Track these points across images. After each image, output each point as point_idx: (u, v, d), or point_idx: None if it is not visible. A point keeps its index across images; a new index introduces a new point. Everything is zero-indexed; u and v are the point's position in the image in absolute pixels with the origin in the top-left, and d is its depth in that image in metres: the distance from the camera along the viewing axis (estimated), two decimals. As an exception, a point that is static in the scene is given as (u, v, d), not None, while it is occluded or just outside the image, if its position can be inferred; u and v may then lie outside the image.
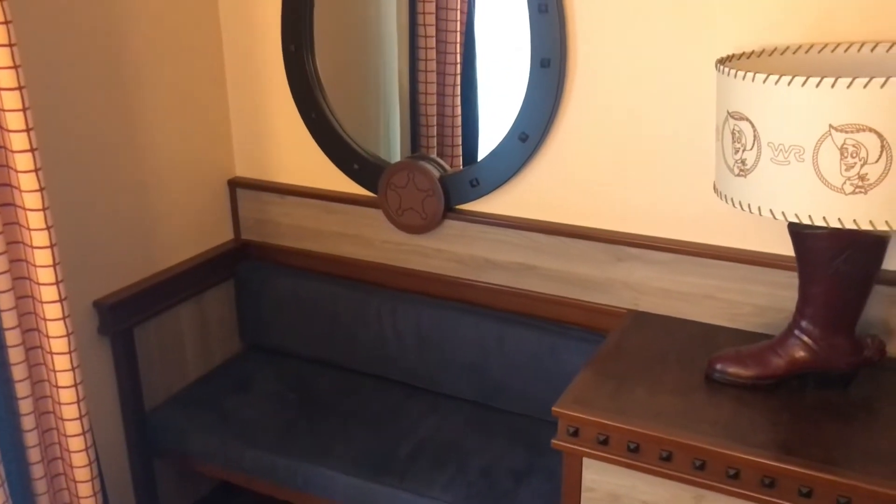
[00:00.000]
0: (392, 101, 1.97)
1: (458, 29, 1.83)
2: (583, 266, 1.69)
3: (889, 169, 1.11)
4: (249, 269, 2.07)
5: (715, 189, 1.34)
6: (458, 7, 1.82)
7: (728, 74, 1.23)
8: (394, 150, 1.96)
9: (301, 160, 1.96)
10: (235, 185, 2.05)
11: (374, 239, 1.92)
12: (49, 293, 1.43)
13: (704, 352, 1.47)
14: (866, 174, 1.12)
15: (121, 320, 1.77)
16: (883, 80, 1.08)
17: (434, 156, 1.84)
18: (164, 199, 1.88)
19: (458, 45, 1.84)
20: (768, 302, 1.53)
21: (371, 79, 1.97)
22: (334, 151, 1.89)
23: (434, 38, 1.84)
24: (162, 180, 1.86)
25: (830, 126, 1.12)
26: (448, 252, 1.84)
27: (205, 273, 1.99)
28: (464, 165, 1.84)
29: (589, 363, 1.48)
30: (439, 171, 1.79)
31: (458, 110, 1.88)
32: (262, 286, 2.05)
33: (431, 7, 1.80)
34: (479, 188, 1.75)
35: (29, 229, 1.39)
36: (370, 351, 1.94)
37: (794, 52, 1.37)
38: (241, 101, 1.99)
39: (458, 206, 1.80)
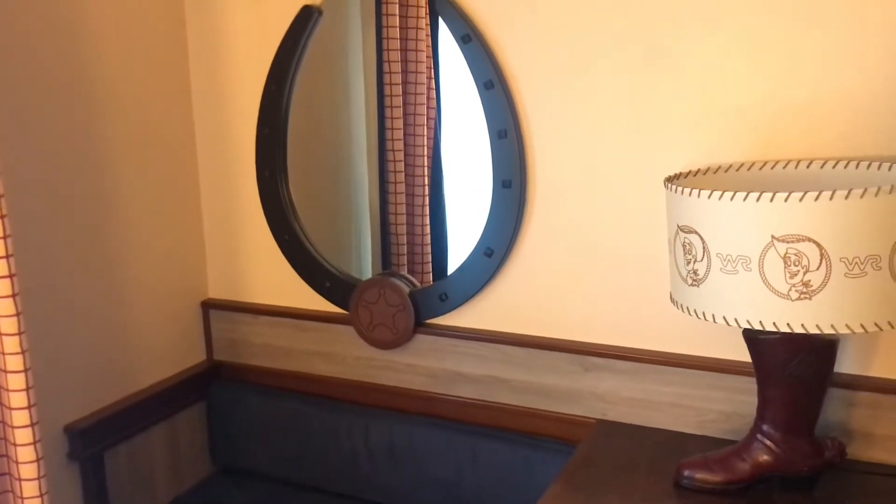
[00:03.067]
0: (363, 221, 2.04)
1: (426, 153, 1.92)
2: (551, 377, 1.73)
3: (829, 275, 1.18)
4: (221, 390, 2.07)
5: (672, 299, 1.40)
6: (425, 133, 1.91)
7: (676, 191, 1.32)
8: (365, 267, 2.01)
9: (274, 280, 2.00)
10: (209, 306, 2.08)
11: (345, 356, 1.94)
12: (20, 417, 1.43)
13: (673, 459, 1.49)
14: (809, 281, 1.19)
15: (91, 445, 1.75)
16: (817, 193, 1.16)
17: (405, 272, 1.90)
18: (138, 321, 1.90)
19: (426, 168, 1.93)
20: (732, 408, 1.56)
21: (343, 201, 2.05)
22: (306, 271, 1.94)
23: (403, 163, 1.93)
24: (135, 304, 1.89)
25: (773, 237, 1.20)
26: (419, 367, 1.87)
27: (177, 395, 1.99)
28: (434, 281, 1.90)
29: (559, 476, 1.49)
30: (409, 287, 1.84)
31: (428, 229, 1.95)
32: (234, 407, 2.05)
33: (399, 134, 1.90)
34: (449, 302, 1.80)
35: (3, 353, 1.41)
36: (343, 470, 1.92)
37: (737, 170, 1.46)
38: (216, 224, 2.05)
39: (428, 321, 1.84)
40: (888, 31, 1.34)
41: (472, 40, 1.65)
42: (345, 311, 1.91)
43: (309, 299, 1.96)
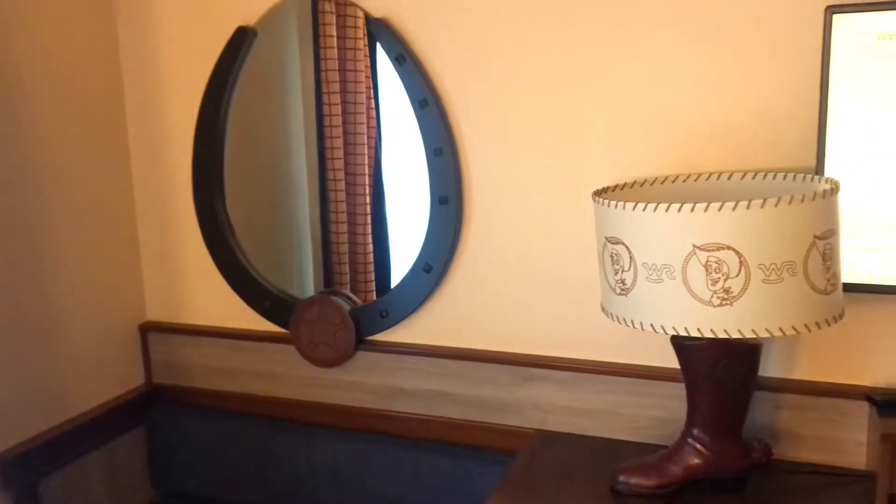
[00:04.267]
0: (304, 240, 2.05)
1: (367, 172, 1.94)
2: (491, 389, 1.75)
3: (749, 282, 1.23)
4: (161, 414, 2.04)
5: (602, 309, 1.45)
6: (366, 152, 1.93)
7: (603, 204, 1.36)
8: (307, 286, 2.02)
9: (213, 301, 1.99)
10: (147, 328, 2.06)
11: (287, 375, 1.94)
12: (-52, 446, 1.40)
13: (610, 465, 1.52)
14: (730, 287, 1.24)
15: (25, 473, 1.71)
16: (734, 203, 1.22)
17: (347, 290, 1.91)
18: (72, 345, 1.87)
19: (367, 187, 1.95)
20: (665, 413, 1.61)
21: (283, 220, 2.05)
22: (246, 290, 1.94)
23: (343, 181, 1.94)
24: (70, 327, 1.86)
25: (694, 246, 1.25)
26: (361, 384, 1.87)
27: (115, 420, 1.95)
28: (378, 298, 1.91)
29: (499, 486, 1.51)
30: (350, 305, 1.85)
31: (370, 247, 1.96)
32: (175, 430, 2.02)
33: (339, 153, 1.91)
34: (389, 319, 1.82)
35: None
36: (286, 490, 1.91)
37: (661, 183, 1.52)
38: (153, 246, 2.04)
39: (369, 338, 1.85)
40: (793, 56, 1.42)
41: (405, 61, 1.68)
42: (285, 331, 1.91)
43: (249, 319, 1.95)
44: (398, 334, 1.83)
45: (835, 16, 1.32)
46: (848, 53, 1.32)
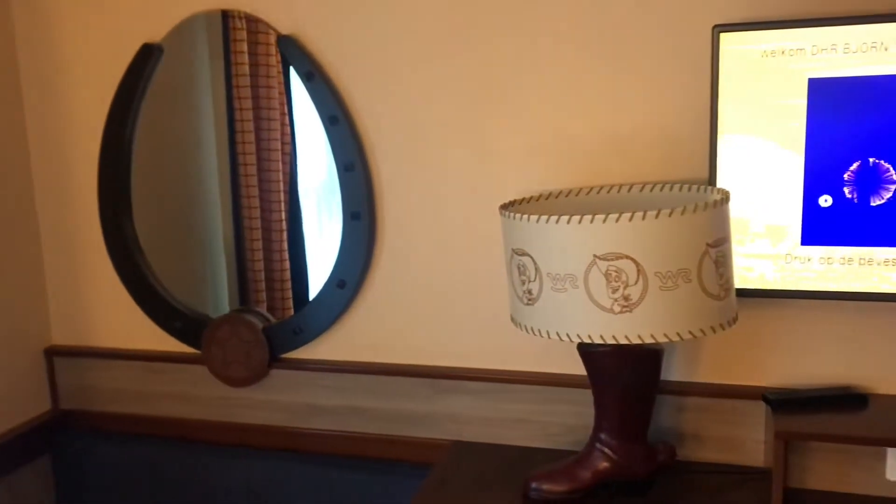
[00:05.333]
0: (219, 258, 2.02)
1: (282, 188, 1.93)
2: (406, 402, 1.76)
3: (647, 289, 1.28)
4: (69, 441, 1.98)
5: (512, 319, 1.48)
6: (280, 168, 1.92)
7: (509, 217, 1.39)
8: (222, 305, 1.99)
9: (122, 322, 1.95)
10: (53, 353, 2.00)
11: (200, 396, 1.91)
12: None
13: (523, 473, 1.54)
14: (629, 295, 1.29)
15: (-82, 508, 1.64)
16: (631, 214, 1.26)
17: (263, 308, 1.89)
18: (-28, 372, 1.80)
19: (282, 203, 1.93)
20: (575, 420, 1.65)
21: (196, 238, 2.02)
22: (155, 311, 1.90)
23: (258, 198, 1.93)
24: (-31, 353, 1.80)
25: (595, 256, 1.29)
26: (276, 402, 1.86)
27: (18, 449, 1.88)
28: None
29: (414, 499, 1.52)
30: (263, 323, 1.84)
31: (287, 263, 1.95)
32: (84, 458, 1.96)
33: (253, 169, 1.89)
34: (303, 335, 1.81)
35: None
36: (201, 513, 1.88)
37: (566, 196, 1.56)
38: (58, 267, 1.98)
39: (283, 356, 1.84)
40: (686, 72, 1.48)
41: (315, 77, 1.69)
42: (197, 351, 1.88)
43: (159, 340, 1.91)
44: (313, 351, 1.82)
45: (722, 34, 1.39)
46: (735, 70, 1.40)
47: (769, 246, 1.44)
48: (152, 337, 1.92)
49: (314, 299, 1.80)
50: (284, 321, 1.84)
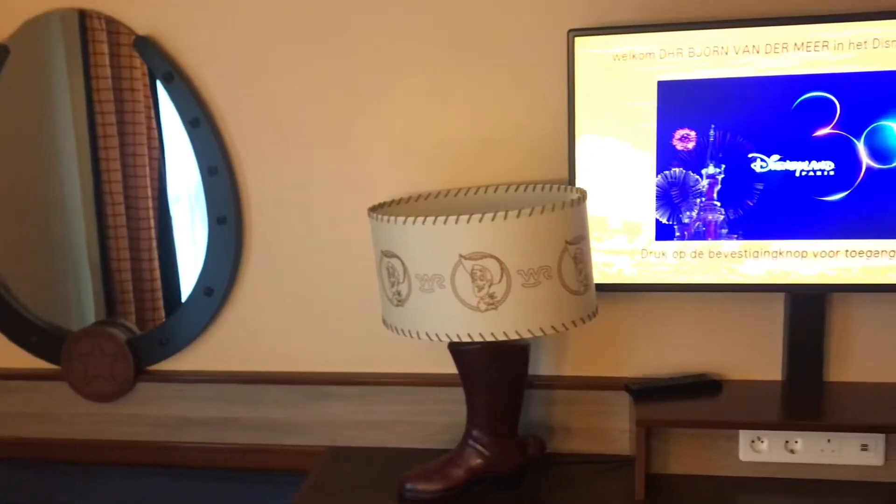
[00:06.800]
0: (82, 269, 1.93)
1: (150, 194, 1.86)
2: (280, 410, 1.73)
3: (510, 287, 1.31)
4: (-86, 469, 1.84)
5: (383, 321, 1.48)
6: (148, 174, 1.85)
7: (377, 219, 1.40)
8: (87, 317, 1.89)
9: (-30, 339, 1.83)
10: None
11: (61, 413, 1.82)
12: None
13: (400, 475, 1.54)
14: (494, 293, 1.31)
15: None
16: (493, 213, 1.29)
17: (131, 319, 1.81)
18: None
19: (150, 210, 1.86)
20: (450, 419, 1.66)
21: (56, 249, 1.92)
22: (9, 326, 1.80)
23: (123, 205, 1.85)
24: None
25: (460, 255, 1.31)
26: (144, 416, 1.79)
27: None
28: (165, 325, 1.84)
29: (289, 507, 1.50)
30: (127, 334, 1.77)
31: (157, 272, 1.88)
32: (-68, 486, 1.83)
33: (117, 175, 1.82)
34: (170, 346, 1.75)
35: None
36: (65, 537, 1.79)
37: (435, 197, 1.57)
38: None
39: (149, 368, 1.78)
40: (545, 75, 1.53)
41: (174, 79, 1.64)
42: (56, 366, 1.79)
43: (15, 356, 1.81)
44: (181, 362, 1.77)
45: (577, 38, 1.44)
46: (589, 72, 1.45)
47: (626, 242, 1.50)
48: (6, 354, 1.81)
49: (181, 308, 1.75)
50: (150, 332, 1.77)
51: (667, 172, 1.46)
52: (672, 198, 1.47)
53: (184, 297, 1.85)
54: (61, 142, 1.86)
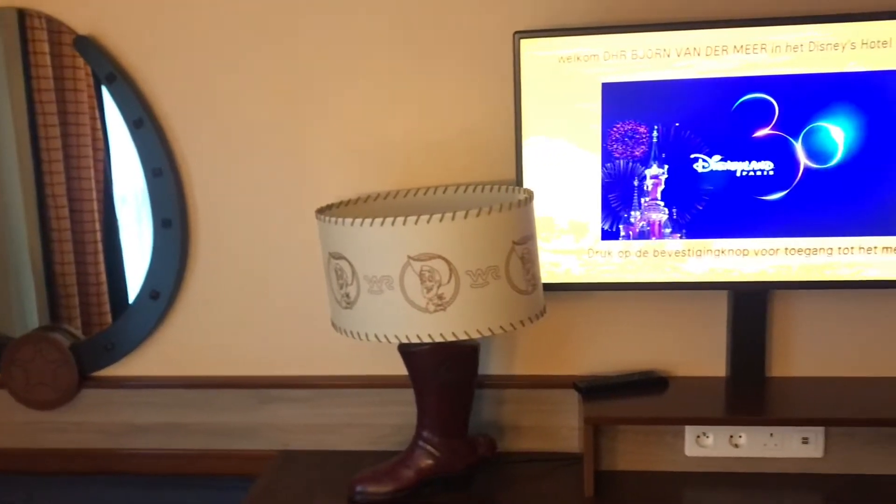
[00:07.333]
0: (24, 274, 1.88)
1: (95, 196, 1.82)
2: (229, 415, 1.72)
3: (459, 288, 1.31)
4: None
5: (332, 323, 1.47)
6: (93, 176, 1.82)
7: (325, 221, 1.39)
8: (30, 323, 1.85)
9: None
10: None
11: (1, 423, 1.77)
12: None
13: (350, 478, 1.54)
14: (443, 294, 1.31)
15: None
16: (441, 214, 1.29)
17: (77, 325, 1.77)
18: None
19: (95, 212, 1.83)
20: (402, 420, 1.66)
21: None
22: (-56, 333, 1.75)
23: (67, 208, 1.81)
24: None
25: (409, 257, 1.31)
26: (89, 423, 1.76)
27: None
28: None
29: (238, 511, 1.48)
30: (70, 340, 1.73)
31: (103, 276, 1.84)
32: None
33: (60, 178, 1.78)
34: (115, 352, 1.72)
35: None
36: (7, 549, 1.75)
37: (384, 198, 1.57)
38: None
39: (95, 374, 1.74)
40: (492, 77, 1.53)
41: (116, 79, 1.61)
42: (-4, 374, 1.75)
43: (-49, 365, 1.76)
44: (127, 367, 1.74)
45: (522, 40, 1.45)
46: (535, 74, 1.46)
47: (573, 242, 1.52)
48: (-58, 362, 1.76)
49: (126, 312, 1.71)
50: (94, 337, 1.74)
51: (612, 173, 1.48)
52: (617, 198, 1.49)
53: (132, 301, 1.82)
54: (1, 144, 1.82)
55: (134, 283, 1.81)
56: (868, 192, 1.44)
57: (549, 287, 1.50)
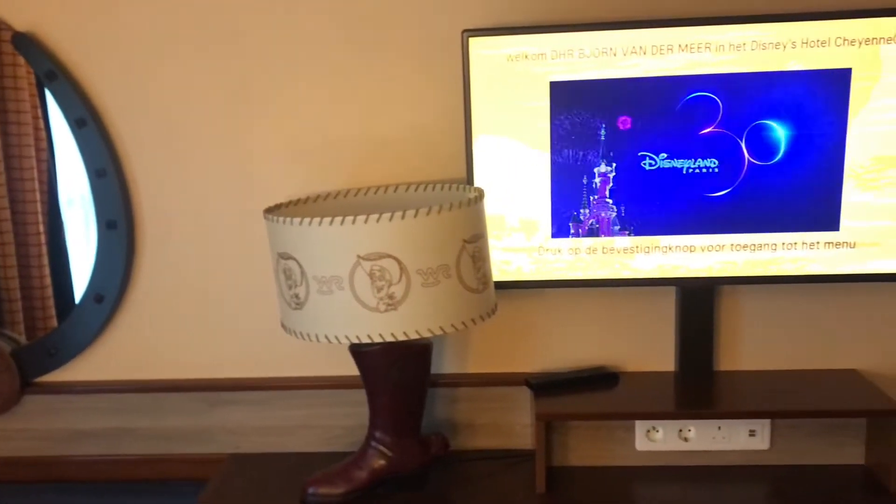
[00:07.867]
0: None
1: (39, 198, 1.78)
2: (178, 419, 1.69)
3: (410, 287, 1.31)
4: None
5: (282, 324, 1.45)
6: (36, 177, 1.77)
7: (273, 221, 1.37)
8: (-29, 333, 1.80)
9: None
10: None
11: (-61, 432, 1.72)
12: None
13: (303, 480, 1.53)
14: (393, 293, 1.31)
15: None
16: (391, 213, 1.28)
17: (20, 330, 1.72)
18: None
19: (39, 214, 1.78)
20: (355, 421, 1.65)
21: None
22: None
23: (8, 210, 1.76)
24: None
25: (358, 256, 1.30)
26: (32, 430, 1.71)
27: None
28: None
29: (187, 516, 1.46)
30: (11, 345, 1.68)
31: (48, 280, 1.80)
32: None
33: (2, 179, 1.73)
34: (59, 356, 1.68)
35: None
36: (-53, 562, 1.69)
37: (335, 198, 1.56)
38: None
39: (37, 380, 1.70)
40: (442, 75, 1.53)
41: (57, 77, 1.57)
42: (-67, 382, 1.69)
43: None
44: (71, 372, 1.70)
45: (470, 38, 1.45)
46: (484, 73, 1.46)
47: (524, 239, 1.52)
48: None
49: (70, 317, 1.67)
50: (36, 342, 1.69)
51: (561, 171, 1.49)
52: (567, 196, 1.50)
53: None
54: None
55: (81, 286, 1.78)
56: (810, 188, 1.47)
57: (500, 285, 1.50)
